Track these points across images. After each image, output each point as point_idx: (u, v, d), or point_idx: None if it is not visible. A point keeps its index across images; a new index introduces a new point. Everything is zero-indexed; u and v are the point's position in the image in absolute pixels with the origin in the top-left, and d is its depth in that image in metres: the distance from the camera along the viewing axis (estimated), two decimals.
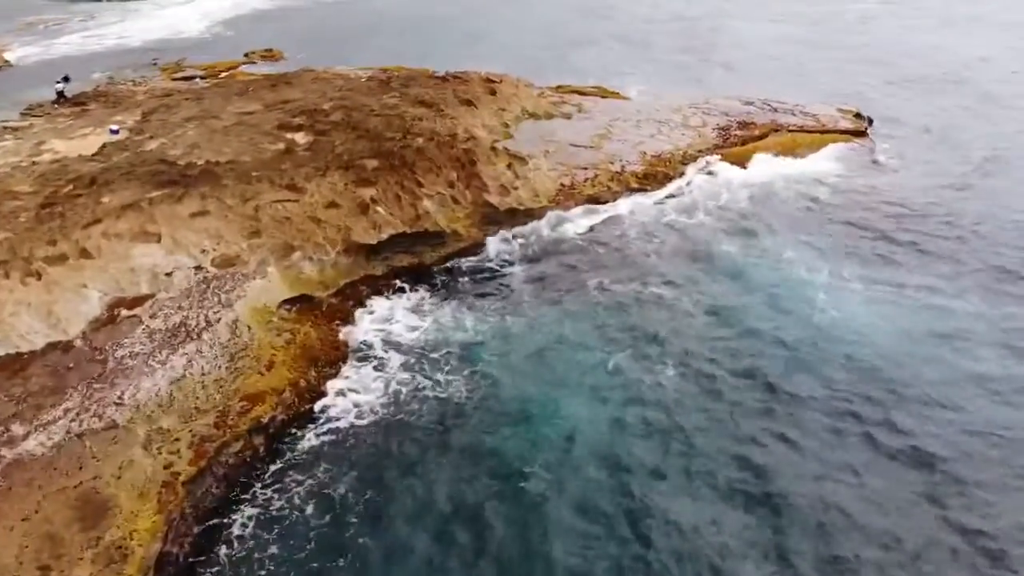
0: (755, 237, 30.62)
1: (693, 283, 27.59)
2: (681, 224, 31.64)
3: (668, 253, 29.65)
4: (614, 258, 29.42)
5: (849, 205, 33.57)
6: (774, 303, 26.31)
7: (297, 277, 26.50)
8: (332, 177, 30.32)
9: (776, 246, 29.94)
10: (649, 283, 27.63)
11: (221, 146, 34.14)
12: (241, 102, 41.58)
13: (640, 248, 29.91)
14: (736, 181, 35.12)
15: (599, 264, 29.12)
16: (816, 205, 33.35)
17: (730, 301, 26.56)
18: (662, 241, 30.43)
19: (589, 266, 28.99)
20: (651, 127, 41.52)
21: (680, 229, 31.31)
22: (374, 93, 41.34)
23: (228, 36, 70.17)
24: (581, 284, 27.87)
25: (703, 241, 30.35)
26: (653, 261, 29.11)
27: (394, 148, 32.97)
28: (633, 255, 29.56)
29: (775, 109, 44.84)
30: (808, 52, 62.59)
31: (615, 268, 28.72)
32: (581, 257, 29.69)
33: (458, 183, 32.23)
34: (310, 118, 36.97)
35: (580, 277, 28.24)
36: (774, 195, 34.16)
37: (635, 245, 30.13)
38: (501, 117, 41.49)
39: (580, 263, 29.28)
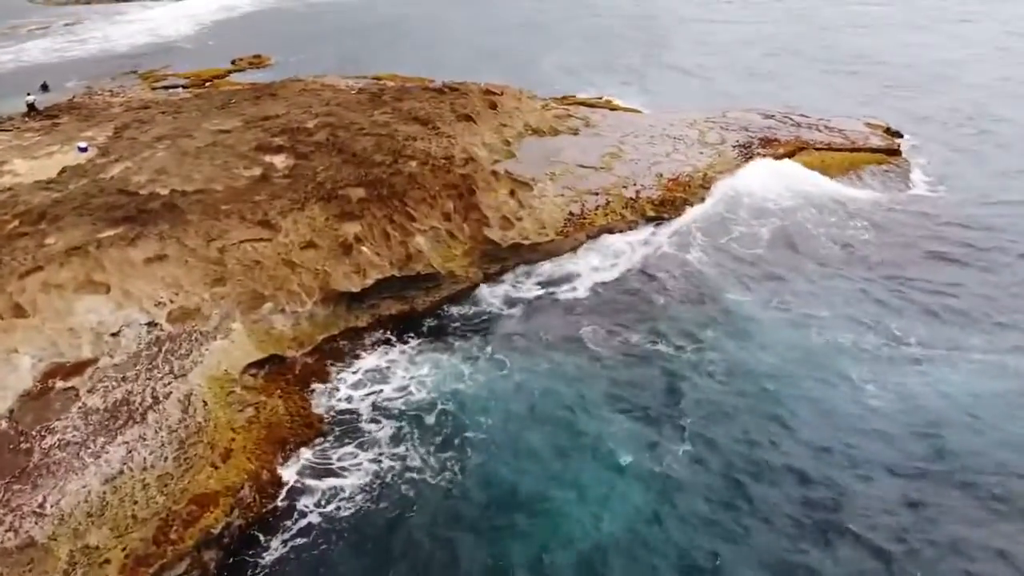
0: (784, 283, 26.10)
1: (712, 341, 23.18)
2: (701, 263, 27.38)
3: (685, 300, 25.33)
4: (627, 304, 25.21)
5: (889, 242, 28.89)
6: (805, 370, 21.83)
7: (267, 333, 22.44)
8: (311, 211, 26.22)
9: (808, 295, 25.47)
10: (665, 338, 23.38)
11: (191, 171, 30.02)
12: (219, 118, 37.43)
13: (657, 292, 25.72)
14: (761, 209, 30.92)
15: (610, 310, 24.97)
16: (851, 242, 28.80)
17: (753, 366, 22.12)
18: (679, 284, 26.18)
19: (599, 313, 24.86)
20: (666, 144, 37.38)
21: (699, 269, 27.02)
22: (364, 108, 37.19)
23: (216, 40, 66.00)
24: (590, 336, 23.73)
25: (724, 286, 25.97)
26: (669, 310, 24.80)
27: (383, 175, 28.86)
28: (649, 301, 25.33)
29: (798, 124, 40.68)
30: (819, 57, 58.43)
31: (629, 317, 24.56)
32: (591, 301, 25.54)
33: (455, 215, 28.13)
34: (292, 138, 32.84)
35: (589, 327, 24.09)
36: (804, 229, 29.65)
37: (651, 288, 25.95)
38: (502, 134, 37.34)
39: (589, 309, 25.14)
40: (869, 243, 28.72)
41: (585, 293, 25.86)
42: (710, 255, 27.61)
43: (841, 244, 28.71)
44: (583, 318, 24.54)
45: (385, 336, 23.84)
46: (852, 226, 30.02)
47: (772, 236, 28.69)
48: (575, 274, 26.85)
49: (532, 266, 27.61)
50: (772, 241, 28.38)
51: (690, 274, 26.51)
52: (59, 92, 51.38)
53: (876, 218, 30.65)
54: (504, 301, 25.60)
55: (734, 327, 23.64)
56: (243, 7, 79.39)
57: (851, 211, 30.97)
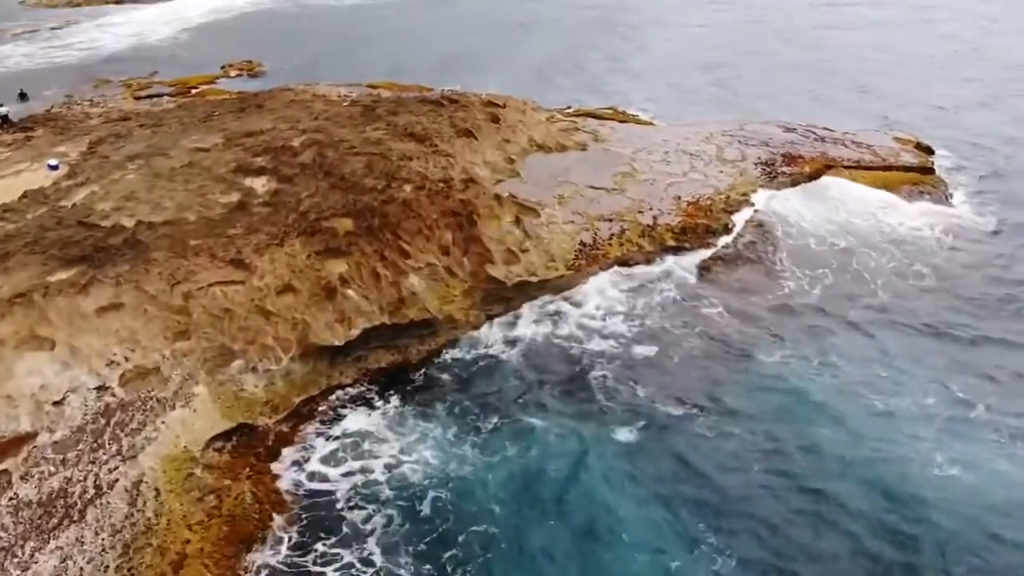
0: (829, 337, 22.48)
1: (746, 408, 19.76)
2: (729, 309, 23.92)
3: (712, 355, 21.85)
4: (646, 358, 21.73)
5: (948, 288, 25.06)
6: (860, 443, 18.45)
7: (235, 397, 19.13)
8: (292, 246, 22.90)
9: (858, 353, 21.88)
10: (691, 402, 19.99)
11: (162, 197, 26.68)
12: (200, 133, 34.06)
13: (680, 343, 22.32)
14: (792, 242, 27.54)
15: (627, 365, 21.56)
16: (898, 283, 25.24)
17: (797, 439, 18.70)
18: (705, 334, 22.72)
19: (614, 367, 21.50)
20: (682, 162, 34.01)
21: (728, 316, 23.55)
22: (356, 123, 33.79)
23: (207, 44, 62.45)
24: (604, 397, 20.39)
25: (758, 338, 22.49)
26: (695, 367, 21.34)
27: (374, 202, 25.53)
28: (670, 354, 21.85)
29: (822, 138, 37.29)
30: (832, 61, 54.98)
31: (648, 374, 21.16)
32: (605, 352, 22.14)
33: (454, 248, 24.81)
34: (275, 158, 29.47)
35: (603, 385, 20.76)
36: (843, 268, 25.97)
37: (673, 338, 22.53)
38: (505, 151, 33.97)
39: (603, 361, 21.77)
40: (924, 289, 24.93)
41: (598, 342, 22.47)
42: (740, 299, 24.14)
43: (892, 290, 24.85)
44: (596, 373, 21.17)
45: (373, 395, 20.51)
46: (901, 264, 26.24)
47: (811, 277, 25.12)
48: (587, 317, 23.44)
49: (539, 306, 24.29)
50: (811, 283, 24.83)
51: (718, 322, 23.08)
52: (38, 101, 48.01)
53: (928, 255, 26.76)
54: (508, 350, 22.23)
55: (771, 391, 20.23)
56: (236, 8, 75.79)
57: (894, 241, 27.36)
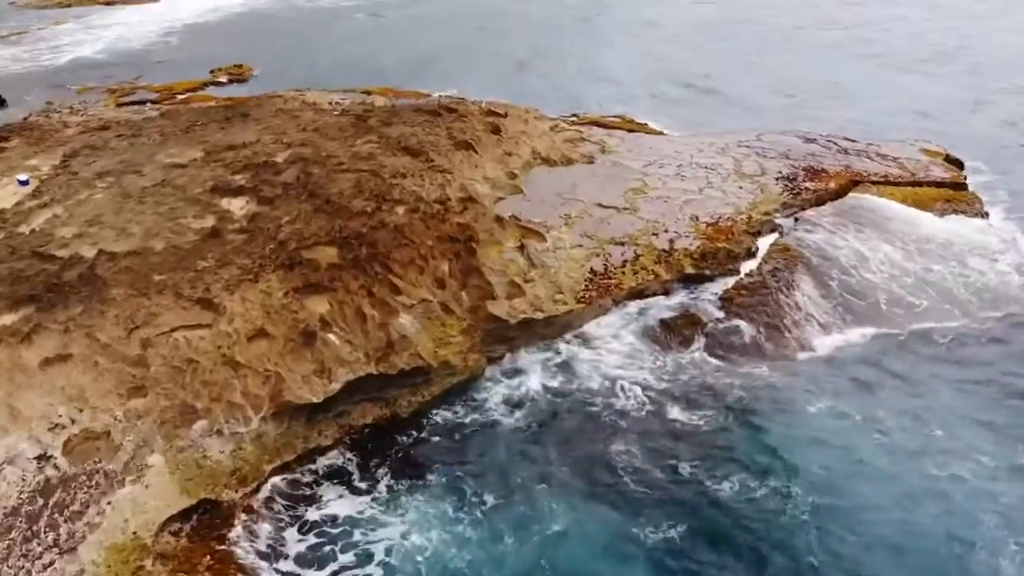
0: (877, 391, 19.30)
1: (789, 478, 16.76)
2: (764, 352, 21.04)
3: (746, 409, 18.85)
4: (669, 414, 18.80)
5: (1010, 330, 21.82)
6: (916, 525, 15.67)
7: (197, 466, 16.35)
8: (267, 282, 20.07)
9: (907, 408, 18.76)
10: (724, 470, 17.05)
11: (129, 222, 23.89)
12: (179, 145, 31.20)
13: (708, 395, 19.41)
14: (824, 271, 24.50)
15: (647, 422, 18.63)
16: (952, 324, 22.07)
17: (850, 513, 15.89)
18: (737, 384, 19.87)
19: (633, 424, 18.60)
20: (697, 176, 31.18)
21: (762, 363, 20.72)
22: (346, 135, 30.94)
23: (198, 46, 59.47)
24: (625, 463, 17.51)
25: (797, 391, 19.48)
26: (728, 425, 18.25)
27: (362, 228, 22.72)
28: (698, 407, 18.96)
29: (845, 150, 34.45)
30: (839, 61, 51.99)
31: (673, 432, 18.29)
32: (622, 405, 19.23)
33: (451, 280, 22.01)
34: (256, 176, 26.64)
35: (621, 447, 17.83)
36: (886, 303, 22.73)
37: (700, 388, 19.63)
38: (507, 164, 31.15)
39: (620, 416, 18.86)
40: (990, 337, 21.70)
41: (617, 398, 19.53)
42: (772, 340, 21.27)
43: (948, 334, 21.61)
44: (613, 432, 18.28)
45: (357, 460, 17.67)
46: (953, 301, 23.03)
47: (850, 315, 22.26)
48: (601, 364, 20.58)
49: (546, 347, 21.49)
50: (851, 322, 21.95)
51: (750, 368, 20.24)
52: (18, 108, 45.21)
53: (987, 291, 23.59)
54: (511, 402, 19.36)
55: (818, 456, 17.31)
56: (228, 9, 72.75)
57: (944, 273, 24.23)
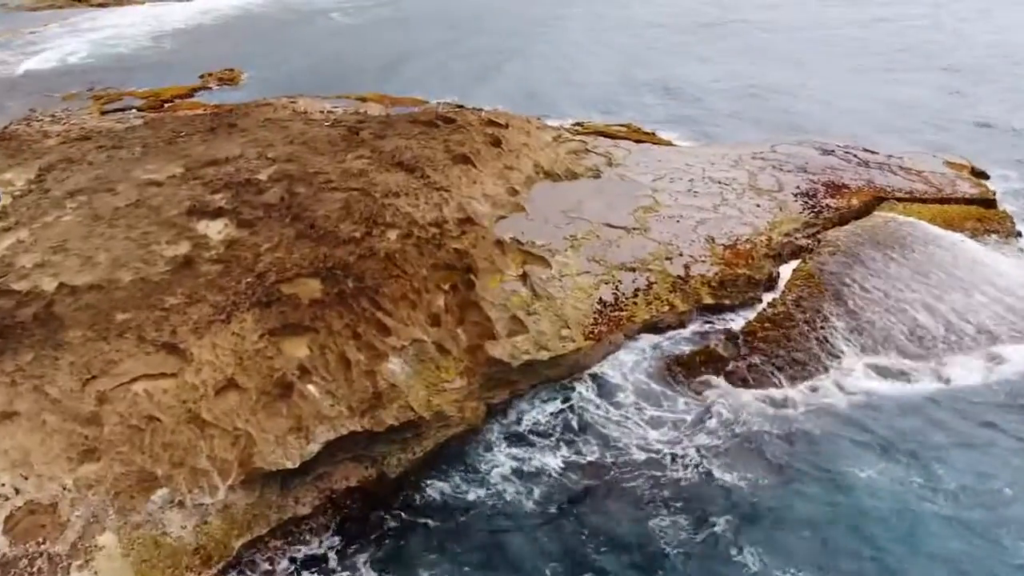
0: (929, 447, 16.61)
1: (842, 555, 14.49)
2: (796, 397, 18.65)
3: (784, 464, 16.33)
4: (697, 476, 16.23)
5: None
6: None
7: (155, 544, 14.04)
8: (242, 322, 17.76)
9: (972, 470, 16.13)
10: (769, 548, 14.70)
11: (97, 249, 21.59)
12: (158, 160, 28.88)
13: (736, 446, 17.09)
14: (856, 302, 22.13)
15: (674, 488, 16.13)
16: (1004, 366, 19.28)
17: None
18: (765, 431, 17.41)
19: (657, 491, 16.13)
20: (711, 192, 28.87)
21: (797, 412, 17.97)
22: (336, 149, 28.62)
23: (189, 49, 57.14)
24: (655, 540, 15.19)
25: (840, 448, 16.80)
26: (767, 489, 15.76)
27: (350, 257, 20.41)
28: (732, 468, 16.40)
29: (865, 162, 32.15)
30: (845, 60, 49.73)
31: (705, 496, 15.86)
32: (642, 464, 16.78)
33: (446, 316, 19.69)
34: (237, 196, 24.33)
35: (647, 521, 15.50)
36: (921, 342, 20.57)
37: (724, 440, 17.32)
38: (508, 179, 28.85)
39: (635, 479, 16.40)
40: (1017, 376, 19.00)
41: (630, 450, 17.14)
42: (804, 382, 18.87)
43: (1001, 378, 18.78)
44: (631, 499, 15.88)
45: (338, 535, 15.31)
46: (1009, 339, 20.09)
47: (891, 356, 19.71)
48: (612, 412, 18.18)
49: (552, 392, 19.20)
50: (892, 362, 19.49)
51: (783, 417, 17.91)
52: (0, 115, 42.85)
53: None
54: (515, 464, 16.83)
55: (877, 532, 14.79)
56: (222, 11, 70.34)
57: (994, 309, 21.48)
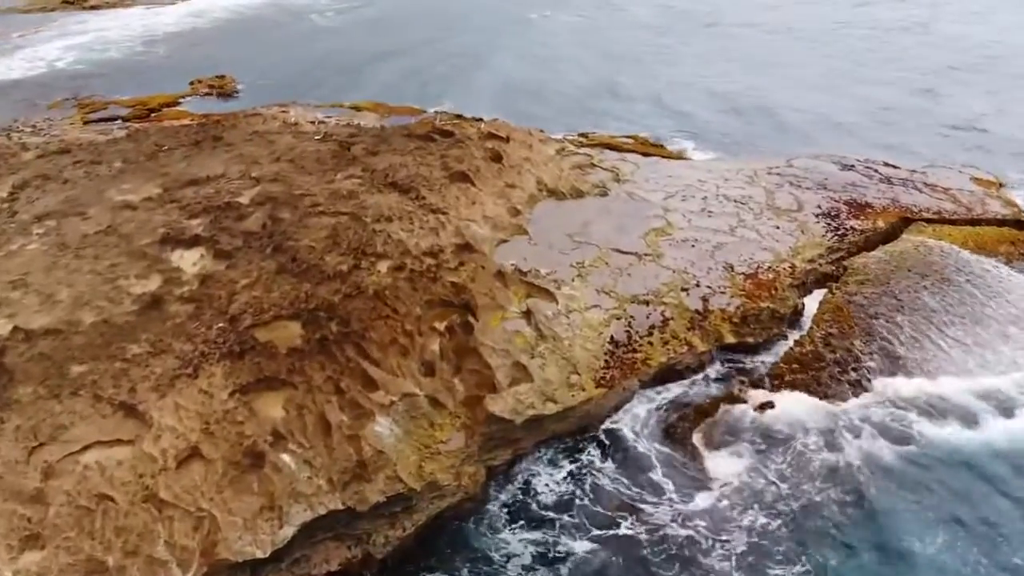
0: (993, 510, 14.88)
1: None
2: (825, 441, 16.59)
3: (835, 535, 14.43)
4: (730, 550, 14.47)
5: None
6: None
7: None
8: (209, 377, 15.54)
9: None
10: None
11: (59, 285, 19.37)
12: (136, 178, 26.63)
13: (774, 515, 15.01)
14: (892, 341, 20.04)
15: (701, 557, 14.29)
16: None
17: None
18: (806, 495, 15.36)
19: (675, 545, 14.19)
20: (726, 212, 26.62)
21: (826, 458, 16.15)
22: (325, 167, 26.38)
23: (180, 55, 54.78)
24: None
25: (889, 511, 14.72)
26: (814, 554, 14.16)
27: (334, 297, 18.18)
28: (771, 538, 14.57)
29: (888, 179, 29.90)
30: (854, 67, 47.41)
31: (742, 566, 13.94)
32: (663, 545, 14.73)
33: (442, 364, 17.46)
34: (216, 222, 22.09)
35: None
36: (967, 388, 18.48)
37: (759, 509, 15.21)
38: (509, 199, 26.62)
39: (672, 563, 14.43)
40: None
41: (663, 527, 15.00)
42: (843, 435, 16.69)
43: None
44: (656, 559, 13.88)
45: None
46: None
47: (935, 404, 17.58)
48: (629, 481, 15.94)
49: (560, 454, 16.98)
50: (937, 410, 17.32)
51: (824, 474, 15.67)
52: None
53: None
54: (525, 546, 14.70)
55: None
56: (215, 15, 67.93)
57: None
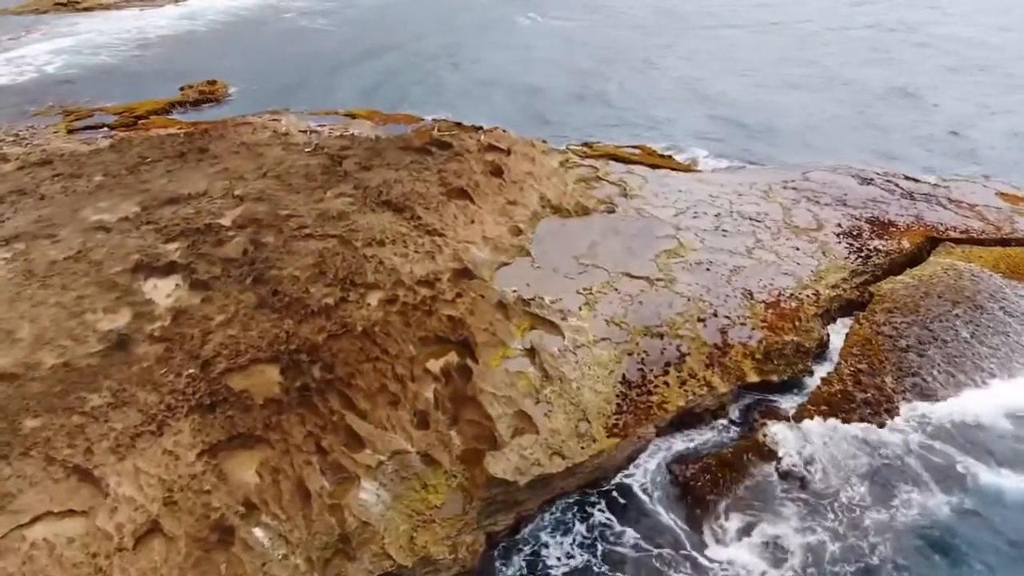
0: None
1: None
2: (861, 500, 14.72)
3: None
4: None
5: None
6: None
7: None
8: (175, 435, 13.62)
9: None
10: None
11: (21, 319, 17.43)
12: (114, 195, 24.69)
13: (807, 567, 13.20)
14: (921, 375, 18.21)
15: None
16: None
17: None
18: (844, 563, 13.57)
19: None
20: (742, 231, 24.69)
21: (864, 521, 14.28)
22: (314, 183, 24.42)
23: (172, 60, 52.65)
24: None
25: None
26: None
27: (318, 336, 16.24)
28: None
29: (910, 193, 27.95)
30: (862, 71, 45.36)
31: None
32: None
33: (436, 414, 15.54)
34: (194, 247, 20.14)
35: None
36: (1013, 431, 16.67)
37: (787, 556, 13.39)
38: (511, 217, 24.70)
39: None
40: None
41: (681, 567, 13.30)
42: (882, 491, 14.77)
43: None
44: None
45: None
46: None
47: (982, 454, 15.65)
48: (648, 549, 14.06)
49: (570, 513, 15.06)
50: (985, 462, 15.39)
51: (866, 543, 13.76)
52: None
53: None
54: None
55: None
56: (209, 17, 65.85)
57: None
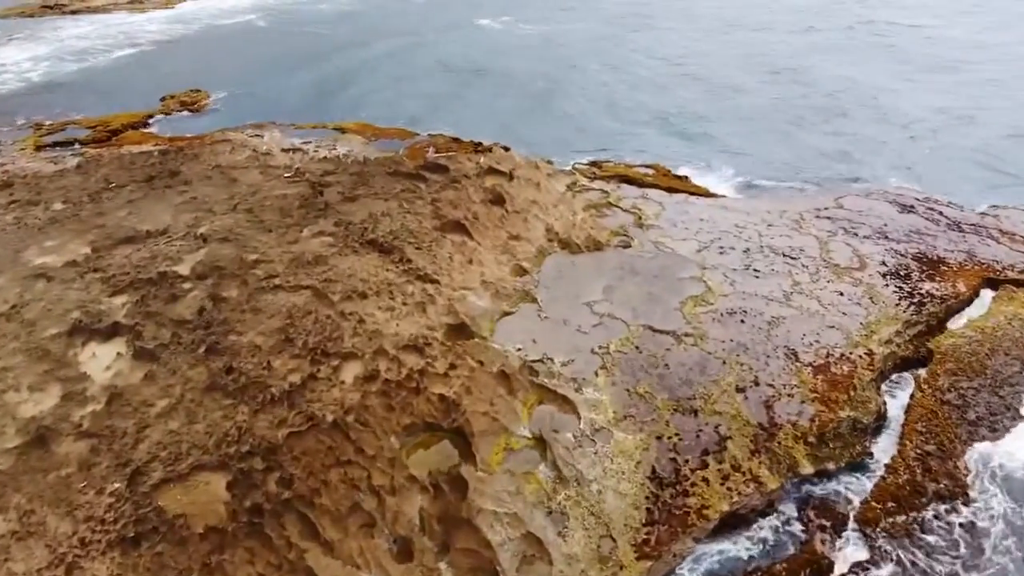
0: None
1: None
2: None
3: None
4: None
5: None
6: None
7: None
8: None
9: None
10: None
11: None
12: (65, 233, 21.12)
13: None
14: (1003, 458, 14.84)
15: None
16: None
17: None
18: None
19: None
20: (776, 272, 21.17)
21: None
22: (289, 221, 20.86)
23: (157, 67, 48.82)
24: None
25: None
26: None
27: (278, 432, 12.75)
28: None
29: (957, 224, 24.48)
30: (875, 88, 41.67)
31: None
32: None
33: (423, 539, 12.04)
34: (143, 302, 16.62)
35: None
36: None
37: None
38: (514, 255, 21.22)
39: None
40: None
41: None
42: None
43: None
44: None
45: None
46: None
47: None
48: None
49: None
50: None
51: None
52: None
53: None
54: None
55: None
56: (202, 20, 61.92)
57: None
